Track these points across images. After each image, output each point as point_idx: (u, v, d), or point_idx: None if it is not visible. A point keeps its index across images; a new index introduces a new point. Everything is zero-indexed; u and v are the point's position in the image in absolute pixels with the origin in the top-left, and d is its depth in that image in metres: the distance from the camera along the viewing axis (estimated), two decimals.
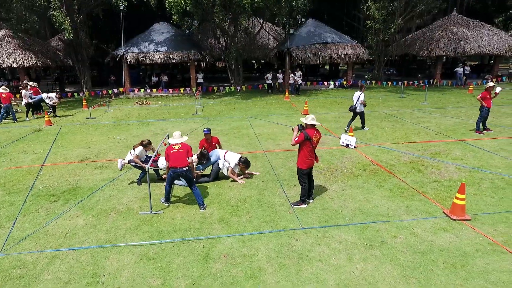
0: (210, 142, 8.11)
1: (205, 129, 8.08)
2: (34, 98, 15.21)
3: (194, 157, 7.52)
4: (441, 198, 6.30)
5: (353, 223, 5.50)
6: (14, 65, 19.24)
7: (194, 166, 7.40)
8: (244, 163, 7.40)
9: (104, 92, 20.87)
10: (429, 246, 4.81)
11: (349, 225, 5.45)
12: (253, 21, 26.52)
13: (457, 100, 17.29)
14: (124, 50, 20.60)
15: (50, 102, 15.09)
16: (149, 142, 7.37)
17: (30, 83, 15.73)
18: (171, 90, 21.58)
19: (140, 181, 7.32)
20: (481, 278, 4.12)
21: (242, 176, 7.56)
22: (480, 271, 4.25)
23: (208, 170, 7.74)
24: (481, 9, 30.81)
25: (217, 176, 7.53)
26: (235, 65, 22.77)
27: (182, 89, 21.29)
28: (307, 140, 5.81)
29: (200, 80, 22.14)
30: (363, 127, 11.65)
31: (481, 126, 10.87)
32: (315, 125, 5.97)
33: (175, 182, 6.93)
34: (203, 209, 6.10)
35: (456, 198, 5.52)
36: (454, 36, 22.36)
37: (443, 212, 5.74)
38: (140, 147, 7.22)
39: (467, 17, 24.22)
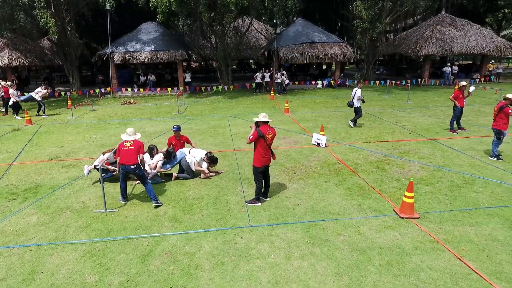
0: (178, 139, 8.14)
1: (174, 126, 8.15)
2: (21, 98, 15.25)
3: (160, 155, 7.56)
4: (396, 196, 6.32)
5: (302, 221, 5.53)
6: (0, 64, 19.27)
7: (160, 164, 7.45)
8: (209, 158, 7.42)
9: (91, 92, 20.90)
10: (370, 243, 4.83)
11: (297, 223, 5.47)
12: (243, 20, 26.59)
13: (441, 100, 17.30)
14: (110, 50, 20.62)
15: (39, 98, 15.07)
16: None
17: (3, 82, 15.72)
18: (158, 89, 21.60)
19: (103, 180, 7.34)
20: (412, 276, 4.15)
21: (209, 172, 7.57)
22: (413, 269, 4.27)
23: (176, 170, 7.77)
24: (474, 9, 30.80)
25: (192, 171, 7.55)
26: (223, 64, 22.82)
27: (169, 89, 21.33)
28: (261, 137, 5.85)
29: (188, 80, 22.17)
30: (352, 121, 11.80)
31: (455, 125, 10.89)
32: (268, 122, 6.01)
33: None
34: (156, 204, 6.11)
35: (405, 196, 5.54)
36: (442, 35, 22.38)
37: (393, 210, 5.76)
38: (110, 153, 7.26)
39: (460, 17, 24.23)
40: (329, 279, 4.13)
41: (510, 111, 7.82)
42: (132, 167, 5.96)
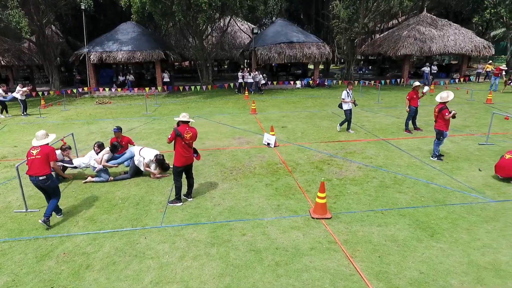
0: (120, 141, 8.14)
1: (114, 127, 8.16)
2: (5, 98, 15.27)
3: (107, 149, 7.56)
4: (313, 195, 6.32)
5: (214, 221, 5.53)
6: None
7: (106, 158, 7.41)
8: (157, 160, 7.41)
9: (69, 91, 20.92)
10: (269, 244, 4.83)
11: (208, 223, 5.48)
12: (229, 20, 26.57)
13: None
14: (87, 50, 20.63)
15: (20, 96, 15.09)
16: (69, 147, 7.47)
17: None
18: (136, 89, 21.61)
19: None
20: (294, 276, 4.15)
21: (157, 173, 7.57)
22: (298, 269, 4.27)
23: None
24: (458, 8, 30.71)
25: (135, 172, 7.57)
26: (203, 64, 22.84)
27: (147, 89, 21.35)
28: (178, 136, 5.87)
29: (166, 79, 22.18)
30: (340, 124, 11.16)
31: (410, 126, 10.90)
32: (188, 122, 6.04)
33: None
34: (42, 221, 5.34)
35: (317, 197, 5.55)
36: (420, 35, 22.35)
37: (308, 211, 5.76)
38: (58, 151, 7.26)
39: (446, 17, 24.19)
40: (211, 280, 4.13)
41: (447, 114, 7.82)
42: (41, 178, 5.26)
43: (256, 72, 20.47)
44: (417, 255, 4.51)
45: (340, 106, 10.85)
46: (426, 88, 10.77)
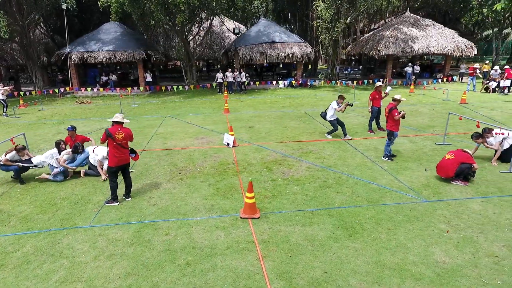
0: (74, 139, 8.20)
1: (69, 126, 8.26)
2: None
3: (68, 151, 7.61)
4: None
5: (143, 221, 5.57)
6: None
7: (65, 158, 7.44)
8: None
9: (51, 91, 20.98)
10: (187, 244, 4.87)
11: (136, 223, 5.51)
12: (211, 20, 26.59)
13: (388, 100, 17.26)
14: (69, 50, 20.68)
15: (1, 96, 15.28)
16: (23, 148, 7.53)
17: None
18: (118, 89, 21.65)
19: (20, 180, 7.37)
20: (199, 276, 4.18)
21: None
22: (206, 269, 4.30)
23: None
24: (445, 8, 30.75)
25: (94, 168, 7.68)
26: (187, 64, 22.89)
27: (129, 89, 21.41)
28: (109, 137, 5.91)
29: (149, 80, 22.22)
30: (328, 134, 10.37)
31: (374, 126, 10.93)
32: (121, 122, 6.09)
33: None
34: None
35: (246, 197, 5.58)
36: (403, 35, 22.36)
37: (239, 210, 5.80)
38: (13, 152, 7.31)
39: (433, 18, 24.18)
40: (116, 279, 4.17)
41: (396, 114, 7.86)
42: None
43: (237, 72, 20.48)
44: (329, 255, 4.54)
45: (324, 116, 10.11)
46: (388, 88, 10.79)
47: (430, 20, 23.85)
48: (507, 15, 25.07)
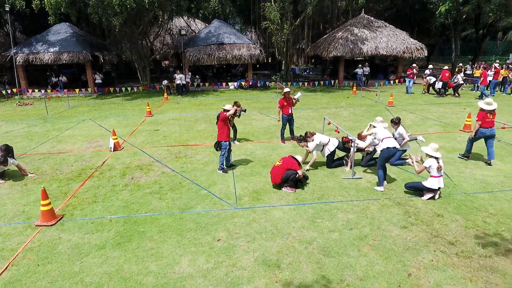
0: None
1: None
2: None
3: None
4: (76, 202, 6.38)
5: None
6: None
7: None
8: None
9: None
10: None
11: None
12: (167, 19, 26.59)
13: (327, 101, 17.32)
14: (15, 51, 20.72)
15: None
16: None
17: None
18: (65, 90, 21.66)
19: None
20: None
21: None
22: None
23: None
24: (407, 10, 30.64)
25: None
26: (140, 65, 22.89)
27: (77, 90, 21.46)
28: None
29: (98, 81, 22.26)
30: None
31: (287, 135, 10.29)
32: None
33: None
34: None
35: (41, 204, 5.60)
36: (353, 37, 22.33)
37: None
38: None
39: (399, 21, 23.98)
40: None
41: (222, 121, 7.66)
42: None
43: (181, 74, 20.48)
44: (77, 264, 4.56)
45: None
46: (298, 94, 10.25)
47: (382, 21, 23.80)
48: (463, 16, 24.96)
